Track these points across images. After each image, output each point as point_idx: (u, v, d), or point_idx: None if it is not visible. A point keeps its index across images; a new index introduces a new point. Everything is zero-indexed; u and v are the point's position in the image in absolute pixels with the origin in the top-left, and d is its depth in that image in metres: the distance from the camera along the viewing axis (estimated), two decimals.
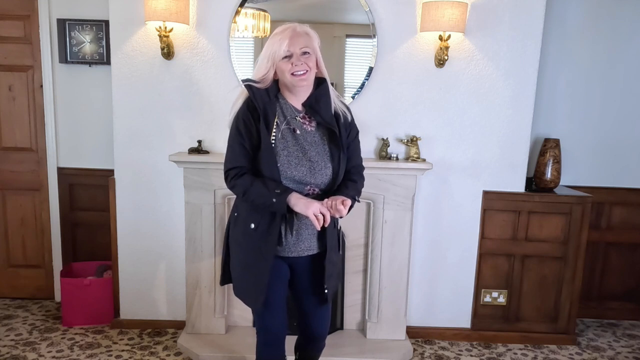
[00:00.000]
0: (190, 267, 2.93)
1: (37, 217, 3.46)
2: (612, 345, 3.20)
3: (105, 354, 2.86)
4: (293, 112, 1.90)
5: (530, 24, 2.86)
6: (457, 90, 2.93)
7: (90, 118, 3.30)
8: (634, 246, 3.46)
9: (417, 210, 3.00)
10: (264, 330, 2.07)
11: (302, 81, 1.83)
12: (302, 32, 1.83)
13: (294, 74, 1.81)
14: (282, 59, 1.81)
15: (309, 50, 1.82)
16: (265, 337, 2.07)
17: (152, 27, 2.81)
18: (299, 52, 1.80)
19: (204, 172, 2.84)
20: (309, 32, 1.85)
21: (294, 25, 1.84)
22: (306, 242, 1.95)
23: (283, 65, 1.81)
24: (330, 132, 1.90)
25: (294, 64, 1.80)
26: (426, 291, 3.15)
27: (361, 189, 2.01)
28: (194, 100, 2.92)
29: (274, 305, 2.00)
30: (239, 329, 3.06)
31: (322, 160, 1.88)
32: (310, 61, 1.83)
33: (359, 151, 2.05)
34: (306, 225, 1.92)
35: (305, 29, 1.85)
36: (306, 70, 1.82)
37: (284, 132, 1.87)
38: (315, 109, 1.88)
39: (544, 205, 3.05)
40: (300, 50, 1.80)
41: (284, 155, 1.84)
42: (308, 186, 1.87)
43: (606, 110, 3.33)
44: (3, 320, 3.23)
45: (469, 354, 3.02)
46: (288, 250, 1.94)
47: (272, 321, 2.03)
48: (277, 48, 1.80)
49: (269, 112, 1.85)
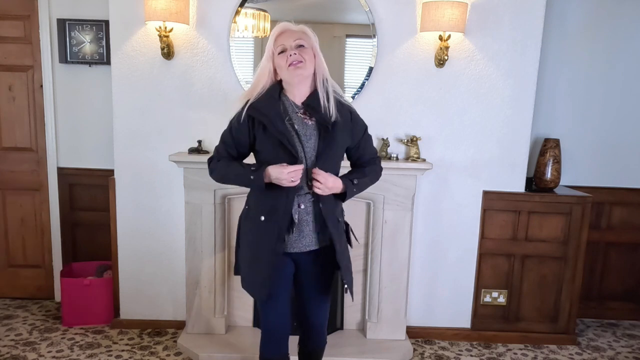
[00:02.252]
0: (190, 267, 2.94)
1: (37, 217, 3.46)
2: (612, 345, 3.20)
3: (105, 354, 2.86)
4: (294, 109, 1.93)
5: (530, 24, 2.86)
6: (457, 90, 2.93)
7: (90, 118, 3.31)
8: (634, 246, 3.46)
9: (417, 210, 3.00)
10: (268, 326, 2.07)
11: (297, 70, 1.84)
12: (296, 28, 1.88)
13: (290, 64, 1.83)
14: (278, 55, 1.85)
15: (303, 43, 1.85)
16: (268, 333, 2.08)
17: (152, 27, 2.81)
18: (293, 45, 1.84)
19: (204, 172, 2.80)
20: (305, 29, 1.89)
21: (288, 23, 1.90)
22: (307, 239, 1.96)
23: (280, 60, 1.85)
24: (325, 127, 1.91)
25: (289, 55, 1.83)
26: (426, 291, 3.15)
27: (370, 174, 2.04)
28: (194, 100, 2.92)
29: (278, 301, 2.02)
30: (239, 329, 3.06)
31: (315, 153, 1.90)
32: (305, 54, 1.84)
33: (370, 144, 2.08)
34: (307, 222, 1.94)
35: (300, 27, 1.89)
36: (301, 60, 1.83)
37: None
38: (313, 107, 1.91)
39: (544, 205, 3.05)
40: (294, 42, 1.84)
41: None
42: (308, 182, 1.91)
43: (606, 110, 3.33)
44: (3, 320, 3.23)
45: (469, 354, 3.02)
46: (290, 247, 1.96)
47: (275, 317, 2.04)
48: (272, 43, 1.86)
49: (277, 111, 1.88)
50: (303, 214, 1.93)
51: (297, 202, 1.92)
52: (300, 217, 1.93)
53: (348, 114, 1.97)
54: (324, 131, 1.90)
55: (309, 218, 1.94)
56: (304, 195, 1.92)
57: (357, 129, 1.99)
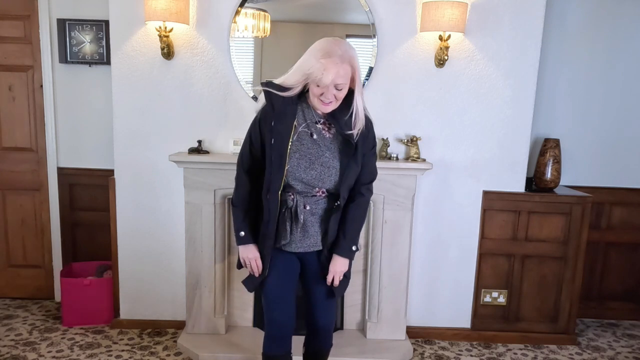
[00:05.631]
0: (190, 267, 2.93)
1: (37, 217, 3.46)
2: (612, 345, 3.20)
3: (105, 354, 2.86)
4: (314, 117, 1.92)
5: (530, 24, 2.86)
6: (457, 90, 2.93)
7: (90, 118, 3.31)
8: (634, 246, 3.46)
9: (417, 210, 3.00)
10: (271, 324, 2.08)
11: (324, 108, 1.86)
12: (346, 64, 1.79)
13: (320, 99, 1.83)
14: (316, 86, 1.81)
15: (344, 84, 1.82)
16: (272, 331, 2.09)
17: (152, 27, 2.81)
18: (332, 86, 1.80)
19: (204, 172, 2.84)
20: (353, 63, 1.81)
21: (341, 54, 1.78)
22: (312, 239, 1.97)
23: (316, 90, 1.82)
24: (348, 143, 1.91)
25: (324, 95, 1.82)
26: (426, 291, 3.15)
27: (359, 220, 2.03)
28: (194, 100, 2.92)
29: (282, 298, 2.03)
30: (239, 329, 3.06)
31: (335, 167, 1.91)
32: (340, 94, 1.84)
33: (373, 165, 2.04)
34: (311, 223, 1.96)
35: (350, 59, 1.80)
36: (332, 101, 1.84)
37: (301, 134, 1.90)
38: (336, 118, 1.89)
39: (544, 205, 3.05)
40: (335, 84, 1.80)
41: (295, 157, 1.88)
42: (316, 188, 1.92)
43: (606, 110, 3.33)
44: (3, 320, 3.23)
45: (469, 354, 3.02)
46: (295, 246, 1.97)
47: (279, 314, 2.05)
48: (317, 75, 1.78)
49: (288, 114, 1.87)
50: (308, 214, 1.94)
51: (303, 203, 1.92)
52: (305, 218, 1.94)
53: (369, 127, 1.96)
54: (346, 146, 1.90)
55: (313, 219, 1.95)
56: (310, 197, 1.93)
57: (367, 141, 1.97)
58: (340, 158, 1.92)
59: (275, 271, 2.01)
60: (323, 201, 1.96)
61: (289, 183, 1.90)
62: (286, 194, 1.92)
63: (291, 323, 2.09)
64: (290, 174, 1.88)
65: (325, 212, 1.97)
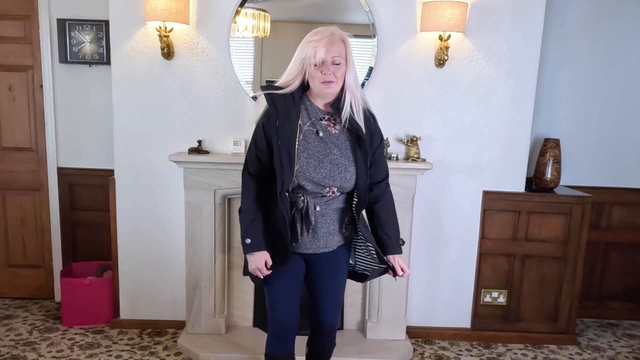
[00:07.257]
0: (190, 267, 2.93)
1: (37, 217, 3.46)
2: (612, 345, 3.20)
3: (105, 354, 2.86)
4: (318, 114, 1.91)
5: (530, 24, 2.86)
6: (457, 90, 2.93)
7: (90, 118, 3.31)
8: (634, 246, 3.46)
9: (417, 210, 2.99)
10: (275, 324, 2.08)
11: (328, 89, 1.84)
12: (338, 39, 1.82)
13: (323, 82, 1.83)
14: (313, 66, 1.81)
15: (341, 61, 1.82)
16: (275, 330, 2.09)
17: (152, 27, 2.81)
18: (330, 61, 1.81)
19: (204, 172, 2.84)
20: (345, 39, 1.85)
21: (332, 31, 1.82)
22: (322, 240, 1.96)
23: (314, 72, 1.82)
24: (356, 135, 1.90)
25: (323, 73, 1.81)
26: (426, 291, 3.15)
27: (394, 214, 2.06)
28: (194, 100, 2.92)
29: (286, 299, 2.03)
30: (239, 329, 3.06)
31: (344, 163, 1.89)
32: (339, 72, 1.83)
33: (384, 158, 2.04)
34: (322, 224, 1.94)
35: (342, 36, 1.84)
36: (333, 81, 1.83)
37: (307, 133, 1.89)
38: (339, 109, 1.89)
39: (544, 205, 3.05)
40: (332, 59, 1.81)
41: (303, 157, 1.86)
42: (327, 188, 1.90)
43: (606, 110, 3.33)
44: (3, 320, 3.23)
45: (469, 354, 3.02)
46: (304, 248, 1.96)
47: (283, 314, 2.05)
48: (311, 54, 1.80)
49: (292, 114, 1.86)
50: (318, 216, 1.92)
51: (314, 204, 1.91)
52: (316, 219, 1.93)
53: (370, 118, 1.95)
54: (356, 139, 1.90)
55: (323, 220, 1.93)
56: (320, 197, 1.92)
57: (375, 136, 1.97)
58: (350, 154, 1.90)
59: (279, 271, 2.00)
60: (334, 202, 1.94)
61: (299, 184, 1.88)
62: (296, 196, 1.90)
63: (294, 323, 2.09)
64: (300, 174, 1.86)
65: (343, 211, 1.96)
